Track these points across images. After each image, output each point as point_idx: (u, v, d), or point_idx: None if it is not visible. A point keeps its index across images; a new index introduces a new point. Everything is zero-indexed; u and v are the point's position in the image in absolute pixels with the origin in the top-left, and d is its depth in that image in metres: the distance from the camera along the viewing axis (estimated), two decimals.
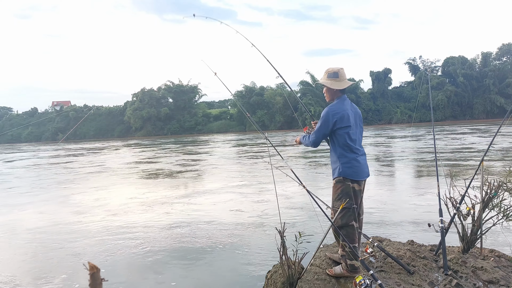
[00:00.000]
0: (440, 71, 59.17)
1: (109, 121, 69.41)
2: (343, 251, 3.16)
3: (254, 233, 5.77)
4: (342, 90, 3.24)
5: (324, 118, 3.15)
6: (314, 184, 9.43)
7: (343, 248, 3.15)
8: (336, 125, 3.12)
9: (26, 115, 78.64)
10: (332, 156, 3.29)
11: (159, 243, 5.50)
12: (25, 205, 8.99)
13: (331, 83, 3.21)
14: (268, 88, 60.93)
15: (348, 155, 3.15)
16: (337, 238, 3.22)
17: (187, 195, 9.18)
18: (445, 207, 3.65)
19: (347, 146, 3.15)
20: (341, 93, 3.26)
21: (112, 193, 9.95)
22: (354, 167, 3.14)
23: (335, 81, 3.22)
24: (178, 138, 46.35)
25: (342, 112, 3.14)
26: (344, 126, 3.12)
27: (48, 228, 6.70)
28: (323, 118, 3.16)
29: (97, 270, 1.10)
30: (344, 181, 3.13)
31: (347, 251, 3.11)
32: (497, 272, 3.23)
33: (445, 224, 3.57)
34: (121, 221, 6.89)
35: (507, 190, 3.54)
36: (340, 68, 3.26)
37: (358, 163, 3.16)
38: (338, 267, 3.27)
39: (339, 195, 3.14)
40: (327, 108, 3.19)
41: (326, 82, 3.24)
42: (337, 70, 3.24)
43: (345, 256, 3.15)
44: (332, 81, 3.22)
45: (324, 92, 3.34)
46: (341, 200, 3.11)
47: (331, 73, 3.23)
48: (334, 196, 3.18)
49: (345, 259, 3.16)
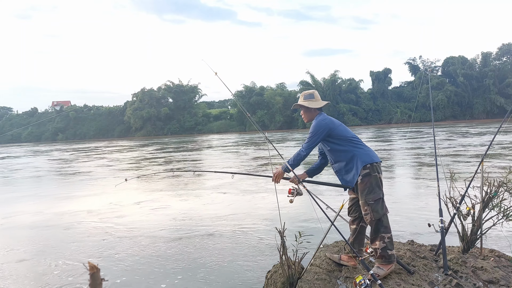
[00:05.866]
0: (440, 71, 59.19)
1: (109, 121, 69.41)
2: (384, 243, 3.13)
3: (254, 233, 5.77)
4: (319, 108, 3.41)
5: (316, 127, 3.26)
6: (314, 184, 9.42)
7: (382, 239, 3.13)
8: (331, 130, 3.25)
9: (26, 115, 78.62)
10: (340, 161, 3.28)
11: (158, 241, 5.50)
12: (24, 205, 8.99)
13: (309, 103, 3.41)
14: (268, 88, 60.95)
15: (358, 145, 3.25)
16: (376, 232, 3.16)
17: (185, 195, 9.18)
18: (445, 207, 3.65)
19: (352, 139, 3.25)
20: (319, 111, 3.42)
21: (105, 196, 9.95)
22: (370, 152, 3.25)
23: (312, 101, 3.42)
24: (170, 139, 46.34)
25: (329, 118, 3.35)
26: (337, 126, 3.31)
27: (48, 228, 6.70)
28: (314, 128, 3.27)
29: (97, 270, 1.10)
30: (371, 172, 3.14)
31: (387, 242, 3.13)
32: (497, 272, 3.23)
33: (445, 224, 3.57)
34: (121, 220, 6.89)
35: (507, 190, 3.54)
36: (313, 90, 3.55)
37: (368, 148, 3.29)
38: (377, 268, 3.15)
39: (370, 187, 3.13)
40: (314, 121, 3.34)
41: (304, 102, 3.42)
42: (312, 92, 3.51)
43: (386, 247, 3.13)
44: (309, 102, 3.42)
45: (302, 114, 3.51)
46: (374, 191, 3.13)
47: (307, 95, 3.47)
48: (366, 191, 3.13)
49: (386, 251, 3.13)
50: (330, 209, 3.27)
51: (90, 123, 69.57)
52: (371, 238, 3.21)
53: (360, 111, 55.10)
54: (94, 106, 75.18)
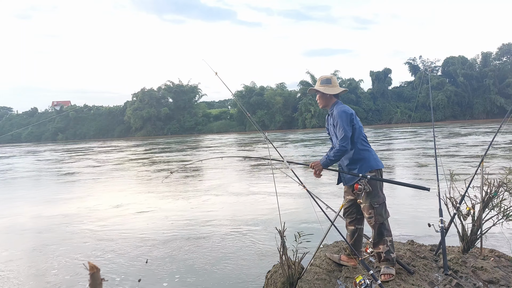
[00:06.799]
0: (440, 71, 59.16)
1: (109, 121, 69.38)
2: (387, 246, 3.14)
3: (254, 232, 5.77)
4: (336, 95, 3.34)
5: (343, 116, 3.16)
6: (314, 184, 9.43)
7: (386, 243, 3.14)
8: (353, 121, 3.20)
9: (26, 115, 78.59)
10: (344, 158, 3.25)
11: (158, 240, 5.50)
12: (23, 205, 8.99)
13: (325, 88, 3.32)
14: (268, 88, 60.93)
15: (367, 147, 3.24)
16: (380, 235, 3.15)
17: (183, 195, 9.18)
18: (445, 207, 3.65)
19: (363, 139, 3.25)
20: (335, 98, 3.35)
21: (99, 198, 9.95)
22: (376, 157, 3.26)
23: (329, 87, 3.33)
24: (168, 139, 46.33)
25: (351, 110, 3.27)
26: (358, 121, 3.26)
27: (47, 228, 6.70)
28: (341, 116, 3.17)
29: (97, 270, 1.10)
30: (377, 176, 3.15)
31: (390, 245, 3.14)
32: (497, 272, 3.23)
33: (445, 224, 3.57)
34: (119, 220, 6.89)
35: (507, 190, 3.54)
36: (332, 75, 3.44)
37: (375, 153, 3.29)
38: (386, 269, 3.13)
39: (375, 191, 3.13)
40: (337, 109, 3.24)
41: (320, 88, 3.34)
42: (330, 77, 3.40)
43: (390, 251, 3.14)
44: (325, 87, 3.33)
45: (318, 99, 3.42)
46: (379, 195, 3.14)
47: (324, 80, 3.37)
48: (371, 194, 3.10)
49: (390, 254, 3.14)
50: (330, 209, 3.27)
51: (90, 123, 69.54)
52: (374, 242, 3.20)
53: (360, 111, 55.06)
54: (94, 106, 75.21)
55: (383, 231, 3.15)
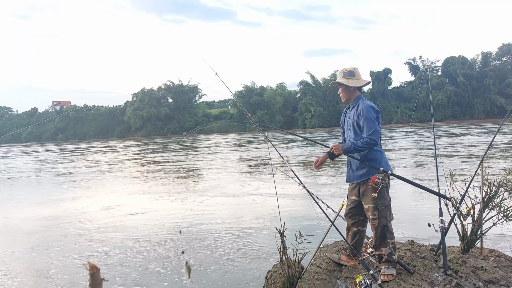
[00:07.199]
0: (440, 71, 59.12)
1: (109, 121, 69.34)
2: (389, 248, 3.13)
3: (254, 232, 5.77)
4: (359, 88, 3.23)
5: (372, 112, 3.10)
6: (313, 185, 9.43)
7: (388, 245, 3.12)
8: (378, 119, 3.15)
9: (26, 115, 78.55)
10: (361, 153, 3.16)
11: (158, 242, 5.50)
12: (23, 205, 8.98)
13: (348, 81, 3.21)
14: (268, 88, 60.93)
15: (380, 149, 3.19)
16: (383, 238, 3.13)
17: (183, 195, 9.17)
18: (445, 207, 3.64)
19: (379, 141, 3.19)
20: (359, 91, 3.25)
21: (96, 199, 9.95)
22: (387, 160, 3.22)
23: (352, 79, 3.22)
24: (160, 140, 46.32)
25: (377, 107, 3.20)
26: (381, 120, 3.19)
27: (46, 228, 6.70)
28: (370, 112, 3.08)
29: (97, 270, 1.10)
30: (385, 177, 3.09)
31: (392, 247, 3.13)
32: (497, 272, 3.23)
33: (445, 224, 3.57)
34: (120, 220, 6.89)
35: (507, 190, 3.54)
36: (355, 67, 3.28)
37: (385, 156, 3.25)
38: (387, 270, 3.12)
39: (382, 193, 3.09)
40: (364, 105, 3.14)
41: (343, 80, 3.23)
42: (353, 69, 3.27)
43: (392, 253, 3.13)
44: (348, 80, 3.22)
45: (340, 93, 3.31)
46: (385, 197, 3.10)
47: (347, 72, 3.25)
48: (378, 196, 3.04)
49: (392, 256, 3.13)
50: (330, 209, 3.27)
51: (90, 123, 69.50)
52: (377, 244, 3.17)
53: None
54: (94, 106, 75.17)
55: (386, 233, 3.13)
